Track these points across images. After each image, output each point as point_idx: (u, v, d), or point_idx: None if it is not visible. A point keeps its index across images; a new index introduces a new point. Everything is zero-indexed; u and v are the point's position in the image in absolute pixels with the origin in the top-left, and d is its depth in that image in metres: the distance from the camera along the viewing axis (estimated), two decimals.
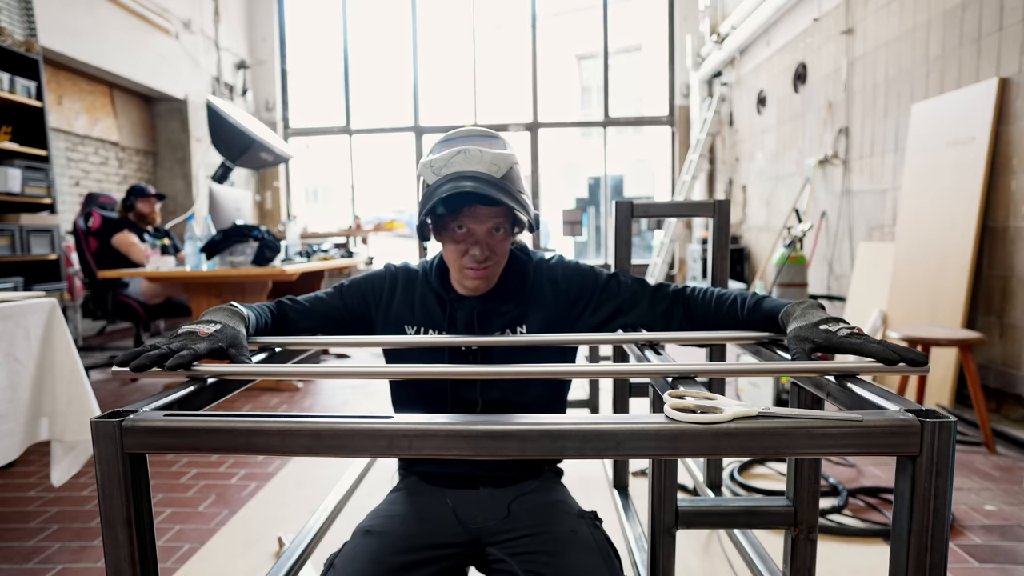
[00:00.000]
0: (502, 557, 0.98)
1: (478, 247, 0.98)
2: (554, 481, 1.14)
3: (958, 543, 1.72)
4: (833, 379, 0.72)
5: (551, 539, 0.97)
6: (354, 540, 0.99)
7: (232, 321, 0.82)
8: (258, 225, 3.40)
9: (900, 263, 3.29)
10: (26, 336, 1.72)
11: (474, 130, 1.00)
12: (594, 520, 1.05)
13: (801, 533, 0.92)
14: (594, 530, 1.01)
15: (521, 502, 1.05)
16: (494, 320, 1.05)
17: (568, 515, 1.03)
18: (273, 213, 7.44)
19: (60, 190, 4.88)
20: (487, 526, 1.03)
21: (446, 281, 1.07)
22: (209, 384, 0.73)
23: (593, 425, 0.55)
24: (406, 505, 1.06)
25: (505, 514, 1.03)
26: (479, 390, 1.05)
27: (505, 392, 1.06)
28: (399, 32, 7.93)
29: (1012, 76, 2.70)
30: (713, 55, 6.32)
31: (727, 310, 0.97)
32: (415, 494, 1.09)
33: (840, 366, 0.71)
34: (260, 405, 3.19)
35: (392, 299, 1.09)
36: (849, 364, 0.71)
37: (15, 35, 4.11)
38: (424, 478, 1.11)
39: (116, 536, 0.57)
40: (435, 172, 0.93)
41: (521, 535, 0.99)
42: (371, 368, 0.75)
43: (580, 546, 0.96)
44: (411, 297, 1.09)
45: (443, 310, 1.06)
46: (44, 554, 1.72)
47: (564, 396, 1.16)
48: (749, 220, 5.97)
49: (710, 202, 1.35)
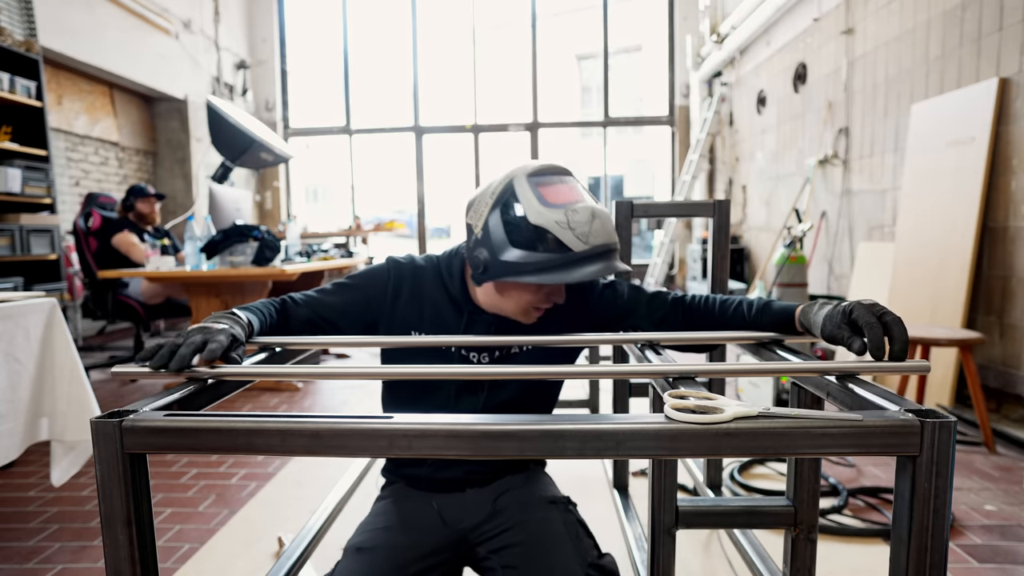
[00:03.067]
0: (487, 555, 1.00)
1: (559, 292, 0.98)
2: (539, 474, 1.15)
3: (958, 543, 1.72)
4: (834, 378, 0.72)
5: (523, 531, 1.00)
6: (346, 559, 0.99)
7: (235, 326, 0.81)
8: (258, 225, 3.40)
9: (900, 263, 3.29)
10: (26, 336, 1.72)
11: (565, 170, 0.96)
12: (567, 505, 1.07)
13: (801, 533, 0.92)
14: (566, 514, 1.04)
15: (506, 498, 1.06)
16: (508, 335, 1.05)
17: (542, 504, 1.05)
18: (273, 213, 7.44)
19: (60, 190, 4.88)
20: (472, 525, 1.04)
21: (466, 289, 1.03)
22: (209, 384, 0.73)
23: (593, 425, 0.55)
24: (393, 516, 1.06)
25: (490, 510, 1.05)
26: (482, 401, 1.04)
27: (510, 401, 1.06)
28: (399, 32, 7.93)
29: (1012, 76, 2.70)
30: (713, 55, 6.32)
31: (732, 314, 0.97)
32: (401, 500, 1.08)
33: (840, 366, 0.71)
34: (260, 405, 3.19)
35: (397, 300, 1.03)
36: (849, 364, 0.71)
37: (15, 35, 4.11)
38: (410, 482, 1.10)
39: (116, 536, 0.57)
40: (580, 237, 0.88)
41: (502, 531, 1.02)
42: (371, 369, 0.75)
43: (550, 534, 0.99)
44: (419, 300, 1.04)
45: (458, 320, 1.03)
46: (44, 554, 1.72)
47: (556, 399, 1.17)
48: (749, 220, 5.97)
49: (710, 202, 1.35)
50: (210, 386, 0.73)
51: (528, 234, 0.89)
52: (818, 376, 0.75)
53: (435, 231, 17.56)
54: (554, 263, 0.88)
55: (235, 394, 0.79)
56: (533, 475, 1.13)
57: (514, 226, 0.90)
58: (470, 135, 7.44)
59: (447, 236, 18.52)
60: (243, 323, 0.84)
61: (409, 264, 1.06)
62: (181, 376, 0.71)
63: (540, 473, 1.16)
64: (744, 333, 0.94)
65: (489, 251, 0.92)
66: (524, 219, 0.89)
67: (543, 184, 0.92)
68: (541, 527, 1.00)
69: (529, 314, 0.99)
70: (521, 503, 1.05)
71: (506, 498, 1.06)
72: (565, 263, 0.88)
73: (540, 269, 0.88)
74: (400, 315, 1.03)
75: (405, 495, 1.09)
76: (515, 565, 0.95)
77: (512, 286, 0.96)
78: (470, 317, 1.02)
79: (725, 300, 0.99)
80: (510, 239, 0.90)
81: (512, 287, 0.96)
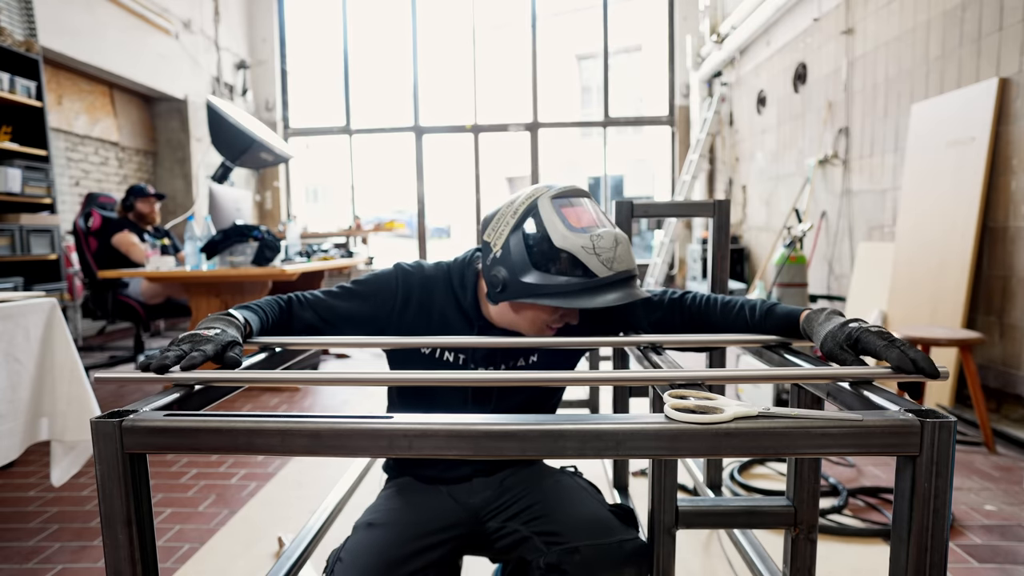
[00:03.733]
0: (503, 524, 1.02)
1: (573, 315, 0.99)
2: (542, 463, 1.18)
3: (958, 543, 1.72)
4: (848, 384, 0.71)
5: (540, 495, 1.02)
6: (357, 534, 0.99)
7: (230, 328, 0.81)
8: (258, 225, 3.40)
9: (900, 263, 3.29)
10: (26, 336, 1.72)
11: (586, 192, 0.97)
12: (574, 473, 1.13)
13: (801, 533, 0.92)
14: (575, 477, 1.10)
15: (512, 478, 1.08)
16: (514, 350, 1.05)
17: (550, 472, 1.11)
18: (273, 213, 7.44)
19: (60, 190, 4.87)
20: (483, 502, 1.06)
21: (477, 303, 1.03)
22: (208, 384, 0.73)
23: (593, 425, 0.55)
24: (402, 498, 1.06)
25: (498, 488, 1.07)
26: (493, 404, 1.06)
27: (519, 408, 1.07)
28: (399, 32, 7.95)
29: (1012, 76, 2.70)
30: (713, 55, 6.32)
31: (735, 317, 0.97)
32: (409, 490, 1.09)
33: (853, 371, 0.70)
34: (260, 405, 3.19)
35: (406, 309, 1.02)
36: (862, 371, 0.70)
37: (15, 35, 4.11)
38: (417, 479, 1.11)
39: (116, 536, 0.57)
40: (605, 263, 0.88)
41: (514, 501, 1.04)
42: (371, 375, 0.74)
43: (567, 489, 1.04)
44: (428, 310, 1.03)
45: (469, 333, 1.03)
46: (44, 554, 1.72)
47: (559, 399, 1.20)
48: (749, 220, 5.97)
49: (710, 202, 1.35)
50: (210, 386, 0.73)
51: (552, 257, 0.89)
52: (830, 383, 0.74)
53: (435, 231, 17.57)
54: (576, 287, 0.89)
55: (235, 394, 0.79)
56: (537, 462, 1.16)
57: (537, 248, 0.90)
58: (470, 135, 7.44)
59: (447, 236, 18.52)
60: (239, 323, 0.83)
61: (418, 273, 1.05)
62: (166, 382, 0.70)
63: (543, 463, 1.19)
64: (748, 336, 0.94)
65: (509, 271, 0.92)
66: (549, 242, 0.89)
67: (567, 207, 0.92)
68: (555, 486, 1.04)
69: (543, 332, 0.99)
70: (528, 475, 1.09)
71: (512, 478, 1.08)
72: (588, 288, 0.88)
73: (562, 293, 0.89)
74: (408, 325, 1.02)
75: (413, 487, 1.09)
76: (538, 516, 0.98)
77: (529, 306, 0.96)
78: (480, 332, 1.02)
79: (727, 302, 0.99)
80: (532, 261, 0.90)
81: (529, 307, 0.96)
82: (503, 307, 0.99)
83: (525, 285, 0.91)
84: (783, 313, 0.91)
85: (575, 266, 0.89)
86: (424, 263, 1.08)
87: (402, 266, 1.06)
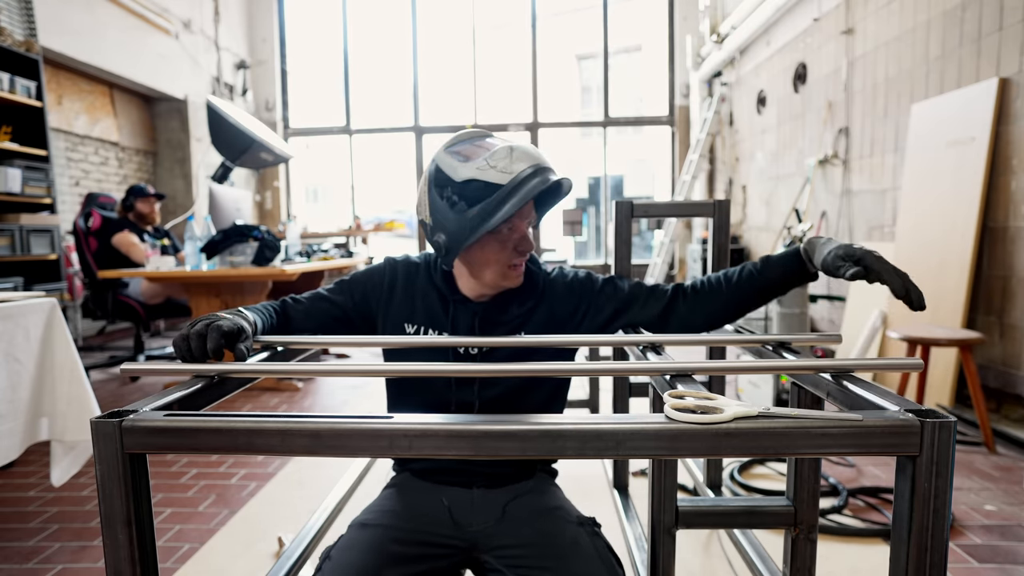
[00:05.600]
0: (499, 568, 0.96)
1: (525, 240, 0.99)
2: (548, 483, 1.12)
3: (958, 543, 1.72)
4: (830, 377, 0.73)
5: (551, 552, 0.95)
6: (350, 532, 0.99)
7: (238, 318, 0.84)
8: (258, 225, 3.40)
9: (900, 263, 3.28)
10: (26, 336, 1.72)
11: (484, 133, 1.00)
12: (593, 526, 1.02)
13: (801, 533, 0.92)
14: (595, 538, 0.98)
15: (517, 505, 1.03)
16: (496, 326, 1.05)
17: (568, 524, 1.00)
18: (273, 213, 7.44)
19: (60, 190, 4.88)
20: (483, 529, 1.01)
21: (450, 281, 1.06)
22: (212, 382, 0.73)
23: (593, 425, 0.55)
24: (401, 501, 1.06)
25: (500, 515, 1.02)
26: (476, 391, 1.04)
27: (504, 395, 1.05)
28: (399, 32, 7.93)
29: (1012, 76, 2.70)
30: (713, 55, 6.32)
31: (742, 281, 0.99)
32: (409, 491, 1.08)
33: (837, 363, 0.72)
34: (260, 405, 3.19)
35: (392, 295, 1.07)
36: (847, 362, 0.73)
37: (15, 35, 4.11)
38: (417, 474, 1.10)
39: (116, 536, 0.57)
40: (503, 170, 0.91)
41: (519, 544, 0.97)
42: (370, 367, 0.75)
43: (582, 557, 0.93)
44: (411, 294, 1.07)
45: (445, 311, 1.05)
46: (44, 554, 1.72)
47: (563, 400, 1.14)
48: (749, 220, 5.97)
49: (710, 202, 1.35)
50: (211, 385, 0.73)
51: (462, 194, 0.92)
52: (816, 375, 0.75)
53: None
54: (492, 204, 0.91)
55: (235, 394, 0.79)
56: (543, 483, 1.10)
57: (448, 196, 0.93)
58: None
59: None
60: (248, 318, 0.87)
61: (404, 261, 1.11)
62: (188, 373, 0.72)
63: (551, 483, 1.13)
64: (747, 336, 0.94)
65: (443, 232, 0.95)
66: (452, 183, 0.93)
67: (459, 148, 0.96)
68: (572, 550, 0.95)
69: (508, 275, 1.00)
70: (539, 516, 1.02)
71: (520, 505, 1.03)
72: (502, 199, 0.91)
73: (483, 218, 0.91)
74: (395, 307, 1.07)
75: (414, 486, 1.09)
76: (532, 567, 0.92)
77: (478, 254, 0.98)
78: (455, 306, 1.05)
79: (728, 273, 1.02)
80: (452, 209, 0.93)
81: (478, 255, 0.98)
82: (463, 272, 1.02)
83: (455, 234, 0.94)
84: (782, 253, 0.98)
85: (484, 189, 0.91)
86: (412, 254, 1.14)
87: (391, 257, 1.13)
